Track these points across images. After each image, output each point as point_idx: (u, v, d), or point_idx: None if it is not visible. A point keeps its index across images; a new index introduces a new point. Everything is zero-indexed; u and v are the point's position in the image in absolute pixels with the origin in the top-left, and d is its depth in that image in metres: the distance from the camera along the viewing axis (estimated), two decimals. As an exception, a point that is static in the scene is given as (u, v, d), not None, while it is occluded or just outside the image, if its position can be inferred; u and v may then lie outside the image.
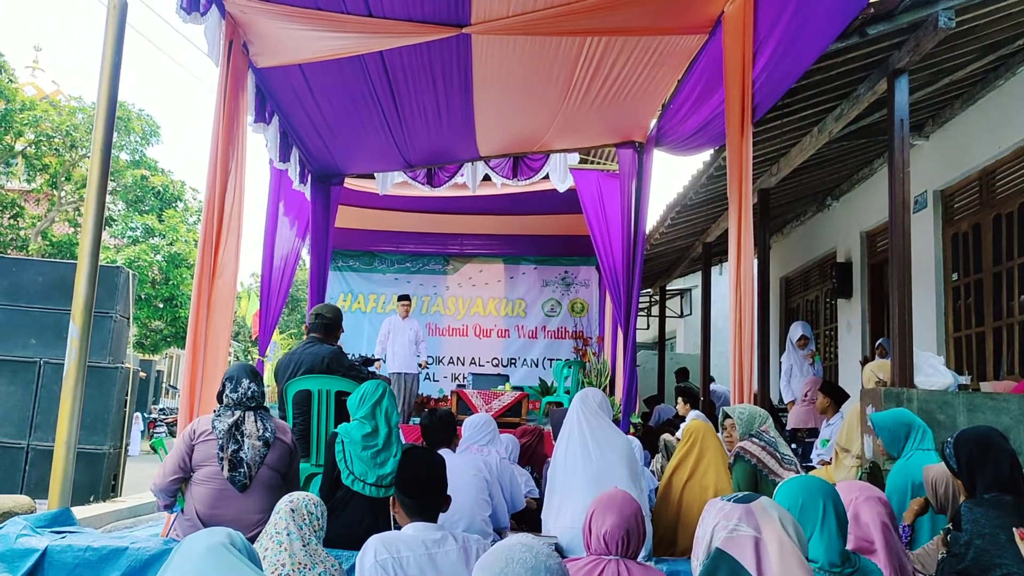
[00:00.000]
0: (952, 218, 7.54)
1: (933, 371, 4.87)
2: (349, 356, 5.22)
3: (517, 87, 6.39)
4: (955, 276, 7.51)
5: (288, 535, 2.87)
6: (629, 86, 6.32)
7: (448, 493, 3.00)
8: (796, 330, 9.08)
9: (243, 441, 3.67)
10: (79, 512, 4.32)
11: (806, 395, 7.71)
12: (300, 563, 2.83)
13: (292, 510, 2.95)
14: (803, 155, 7.05)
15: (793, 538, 1.73)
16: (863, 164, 8.56)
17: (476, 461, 4.20)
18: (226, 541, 1.88)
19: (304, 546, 2.88)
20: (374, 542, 2.67)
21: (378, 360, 6.22)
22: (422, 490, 2.89)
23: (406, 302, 9.60)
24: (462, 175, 8.58)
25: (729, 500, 1.87)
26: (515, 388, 9.78)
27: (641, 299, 11.46)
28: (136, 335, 20.78)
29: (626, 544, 2.57)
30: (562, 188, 8.48)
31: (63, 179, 18.98)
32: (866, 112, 6.28)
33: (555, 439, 4.92)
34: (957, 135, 7.22)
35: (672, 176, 66.26)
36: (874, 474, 4.56)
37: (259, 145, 6.75)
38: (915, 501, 3.28)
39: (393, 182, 8.67)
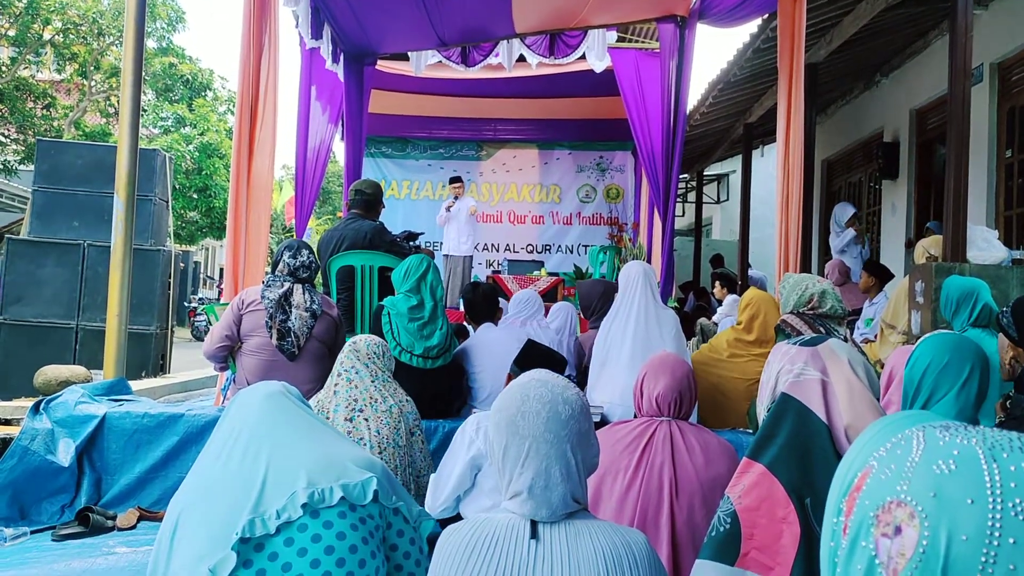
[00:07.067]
0: (1009, 91, 7.20)
1: (987, 245, 4.72)
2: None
3: (556, -46, 6.10)
4: (1008, 153, 7.23)
5: (356, 372, 2.96)
6: (673, -48, 6.01)
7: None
8: (846, 210, 8.80)
9: (291, 311, 3.71)
10: (132, 386, 4.44)
11: (827, 276, 7.39)
12: (372, 398, 2.93)
13: (356, 350, 3.02)
14: (857, 23, 6.69)
15: (863, 379, 1.66)
16: (917, 36, 8.15)
17: (519, 333, 4.20)
18: (282, 390, 1.92)
19: (373, 381, 2.97)
20: (474, 415, 2.85)
21: (421, 233, 6.19)
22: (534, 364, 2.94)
23: (457, 184, 9.52)
24: (496, 55, 8.31)
25: (795, 343, 1.79)
26: (551, 274, 9.81)
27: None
28: (172, 226, 21.04)
29: (678, 405, 2.56)
30: (599, 68, 8.19)
31: (92, 68, 18.82)
32: (926, -25, 5.93)
33: (588, 313, 4.87)
34: (1018, 3, 6.81)
35: (712, 52, 64.09)
36: (921, 349, 4.49)
37: (289, 29, 6.58)
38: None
39: (427, 63, 8.44)
